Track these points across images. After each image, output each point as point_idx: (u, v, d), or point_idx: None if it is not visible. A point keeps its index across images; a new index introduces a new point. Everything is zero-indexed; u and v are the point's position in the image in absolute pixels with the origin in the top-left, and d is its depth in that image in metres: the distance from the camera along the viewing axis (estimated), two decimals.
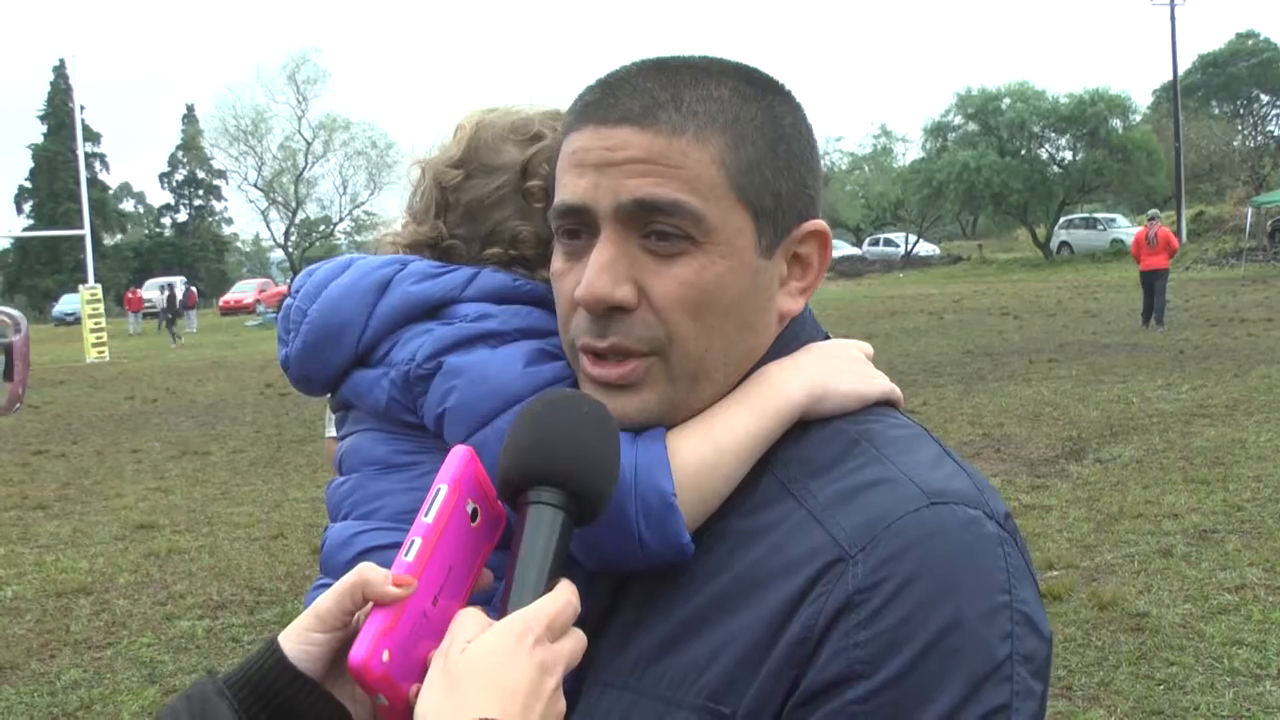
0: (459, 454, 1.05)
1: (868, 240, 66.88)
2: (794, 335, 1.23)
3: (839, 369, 1.21)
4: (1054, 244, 52.94)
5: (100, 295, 35.72)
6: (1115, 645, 5.96)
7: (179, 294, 34.52)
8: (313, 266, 1.46)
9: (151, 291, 57.30)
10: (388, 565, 1.00)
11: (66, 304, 57.74)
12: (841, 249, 64.67)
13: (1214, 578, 6.94)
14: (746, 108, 1.15)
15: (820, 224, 1.21)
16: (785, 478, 1.13)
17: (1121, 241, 48.33)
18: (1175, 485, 9.32)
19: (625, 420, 1.14)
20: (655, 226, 1.11)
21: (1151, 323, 22.73)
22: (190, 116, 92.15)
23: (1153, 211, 25.86)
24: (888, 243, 63.95)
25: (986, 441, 11.62)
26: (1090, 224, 53.08)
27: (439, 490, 1.01)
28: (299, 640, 1.01)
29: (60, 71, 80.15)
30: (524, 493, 1.03)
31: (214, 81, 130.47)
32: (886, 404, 1.22)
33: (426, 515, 1.00)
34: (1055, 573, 7.21)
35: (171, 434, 16.04)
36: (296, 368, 1.42)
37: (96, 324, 34.11)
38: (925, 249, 61.44)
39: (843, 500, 1.07)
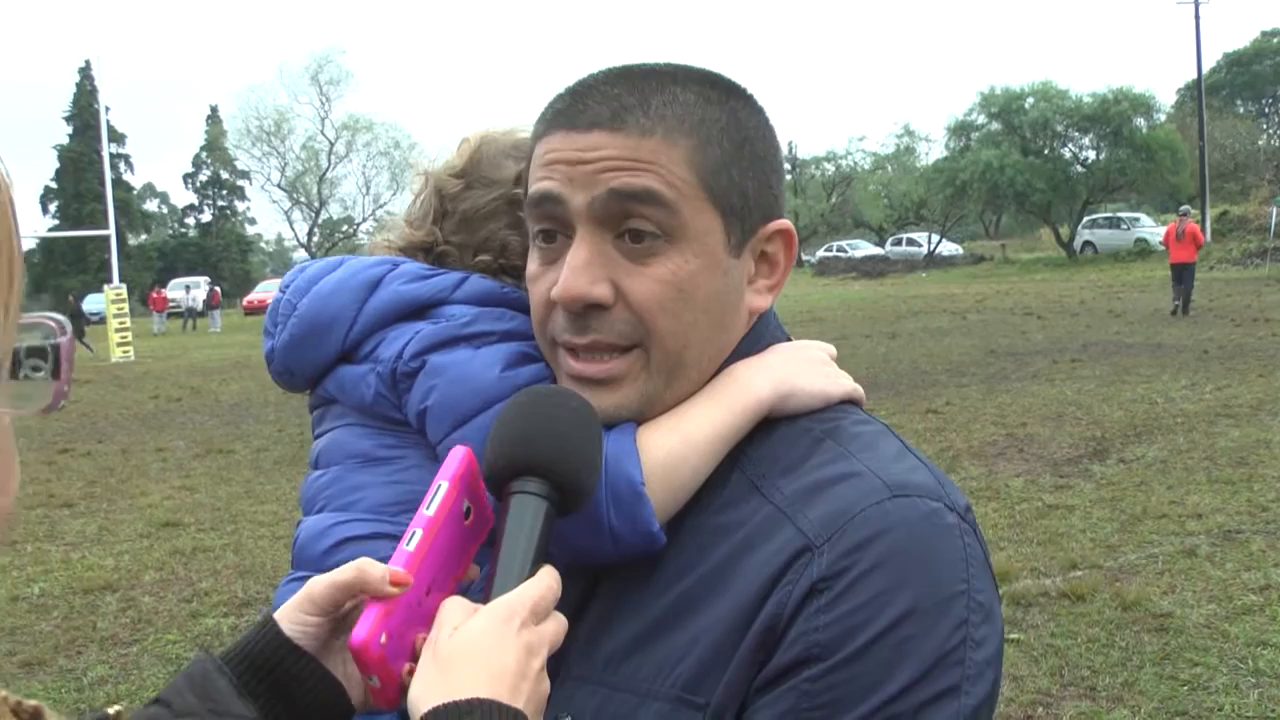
0: (459, 454, 1.09)
1: (890, 240, 66.80)
2: (760, 334, 1.27)
3: (805, 369, 1.25)
4: (1077, 243, 52.70)
5: (125, 295, 35.89)
6: (1139, 646, 5.94)
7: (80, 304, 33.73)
8: (305, 263, 1.51)
9: (176, 291, 57.65)
10: (364, 556, 1.04)
11: (91, 304, 58.05)
12: (864, 249, 64.64)
13: (1238, 578, 6.91)
14: (711, 111, 1.18)
15: (785, 223, 1.25)
16: (754, 475, 1.17)
17: (1145, 241, 48.13)
18: (1199, 485, 9.27)
19: (603, 415, 1.17)
20: (630, 224, 1.14)
21: (1177, 313, 24.29)
22: (214, 117, 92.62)
23: (1184, 208, 27.89)
24: (910, 242, 63.86)
25: (1010, 441, 11.59)
26: (1114, 223, 52.82)
27: (440, 486, 1.06)
28: (293, 620, 1.05)
29: (86, 73, 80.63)
30: (509, 483, 1.06)
31: (238, 82, 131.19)
32: (849, 403, 1.26)
33: (429, 508, 1.04)
34: (1079, 573, 7.18)
35: (196, 433, 16.12)
36: (281, 360, 1.45)
37: (121, 324, 34.26)
38: (948, 249, 61.32)
39: (809, 495, 1.11)
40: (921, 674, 1.01)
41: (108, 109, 54.28)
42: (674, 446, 1.16)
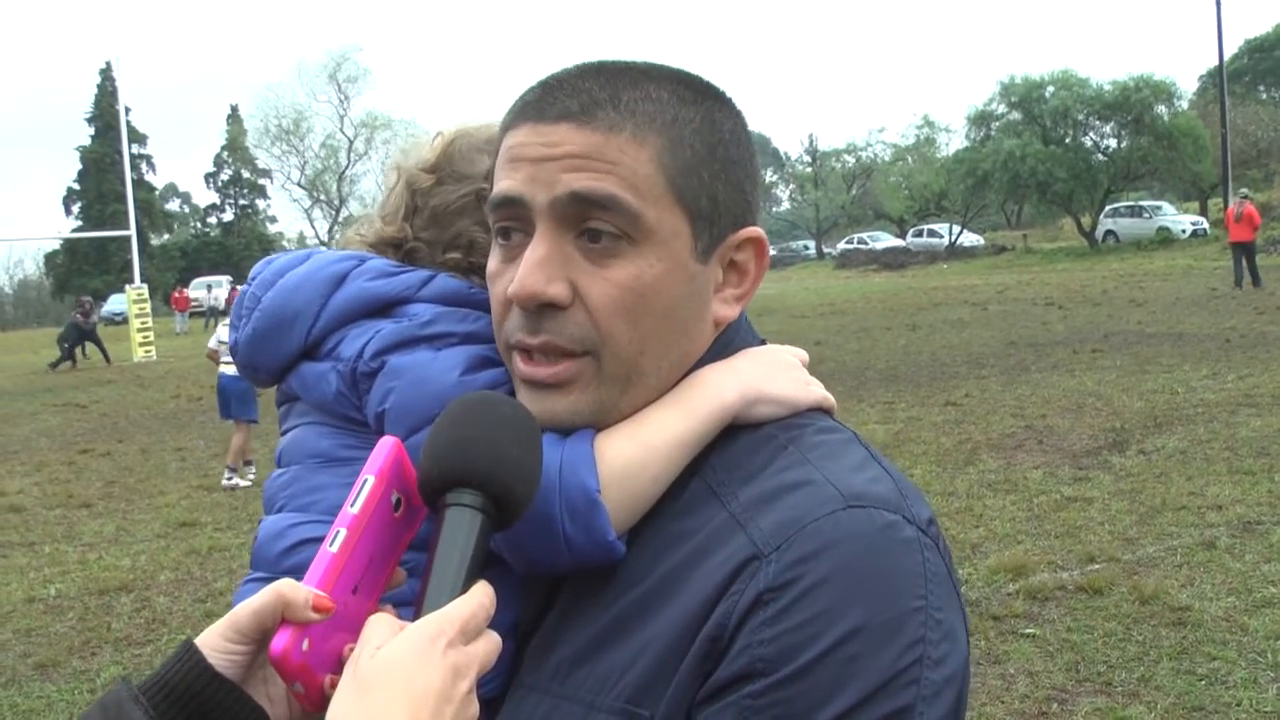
0: (386, 445, 1.05)
1: (911, 231, 66.67)
2: (729, 341, 1.23)
3: (773, 374, 1.21)
4: (1099, 233, 52.39)
5: (147, 295, 36.13)
6: (1156, 640, 5.88)
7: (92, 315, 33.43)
8: (272, 256, 1.47)
9: (198, 291, 57.98)
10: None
11: (114, 304, 58.38)
12: (885, 240, 64.54)
13: (1258, 571, 6.84)
14: (685, 111, 1.14)
15: (757, 231, 1.21)
16: (714, 481, 1.13)
17: (1168, 229, 47.80)
18: (1219, 476, 9.19)
19: (555, 421, 1.14)
20: (591, 224, 1.11)
21: (1245, 286, 27.39)
22: (234, 116, 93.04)
23: (1243, 191, 31.34)
24: (931, 234, 63.72)
25: (1029, 433, 11.51)
26: (1136, 212, 52.45)
27: (366, 481, 1.02)
28: (216, 648, 1.01)
29: (107, 74, 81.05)
30: (443, 495, 1.02)
31: (258, 81, 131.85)
32: (820, 411, 1.22)
33: (353, 506, 1.01)
34: (1096, 566, 7.12)
35: (215, 432, 16.18)
36: (245, 354, 1.42)
37: (143, 324, 34.51)
38: (969, 239, 61.13)
39: (763, 502, 1.07)
40: (869, 693, 0.97)
41: (128, 110, 54.68)
42: (633, 453, 1.13)
